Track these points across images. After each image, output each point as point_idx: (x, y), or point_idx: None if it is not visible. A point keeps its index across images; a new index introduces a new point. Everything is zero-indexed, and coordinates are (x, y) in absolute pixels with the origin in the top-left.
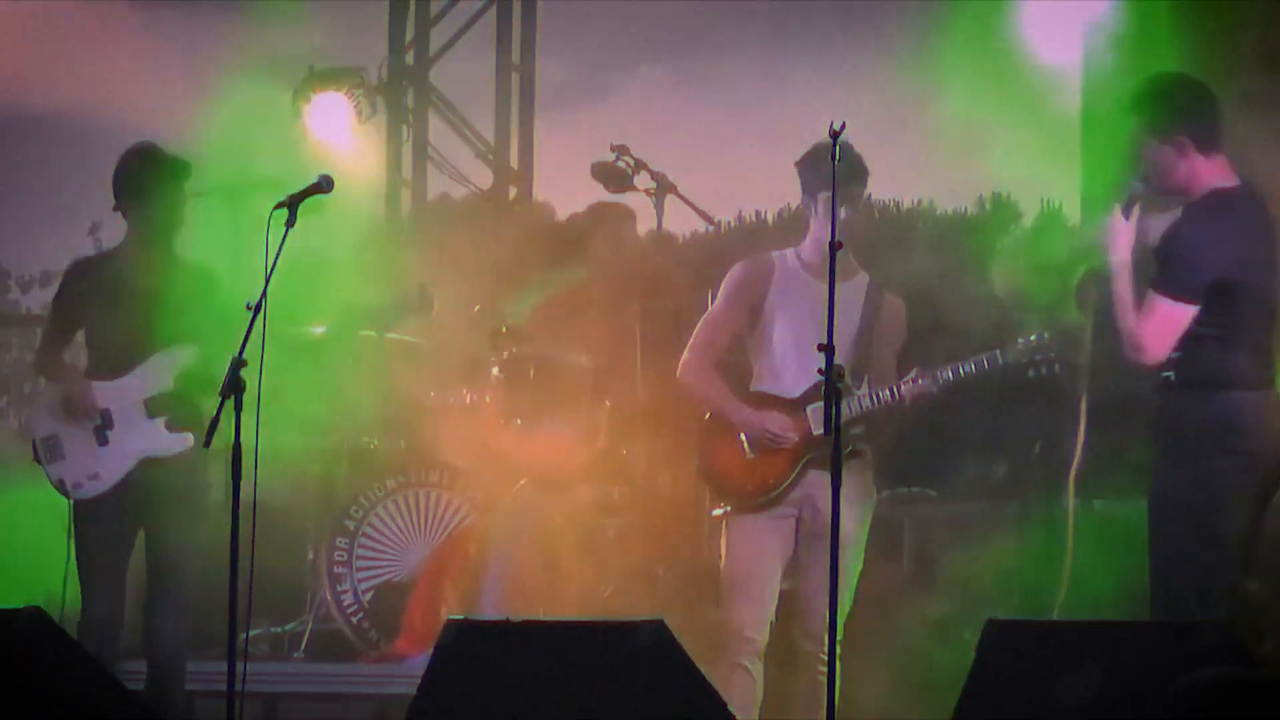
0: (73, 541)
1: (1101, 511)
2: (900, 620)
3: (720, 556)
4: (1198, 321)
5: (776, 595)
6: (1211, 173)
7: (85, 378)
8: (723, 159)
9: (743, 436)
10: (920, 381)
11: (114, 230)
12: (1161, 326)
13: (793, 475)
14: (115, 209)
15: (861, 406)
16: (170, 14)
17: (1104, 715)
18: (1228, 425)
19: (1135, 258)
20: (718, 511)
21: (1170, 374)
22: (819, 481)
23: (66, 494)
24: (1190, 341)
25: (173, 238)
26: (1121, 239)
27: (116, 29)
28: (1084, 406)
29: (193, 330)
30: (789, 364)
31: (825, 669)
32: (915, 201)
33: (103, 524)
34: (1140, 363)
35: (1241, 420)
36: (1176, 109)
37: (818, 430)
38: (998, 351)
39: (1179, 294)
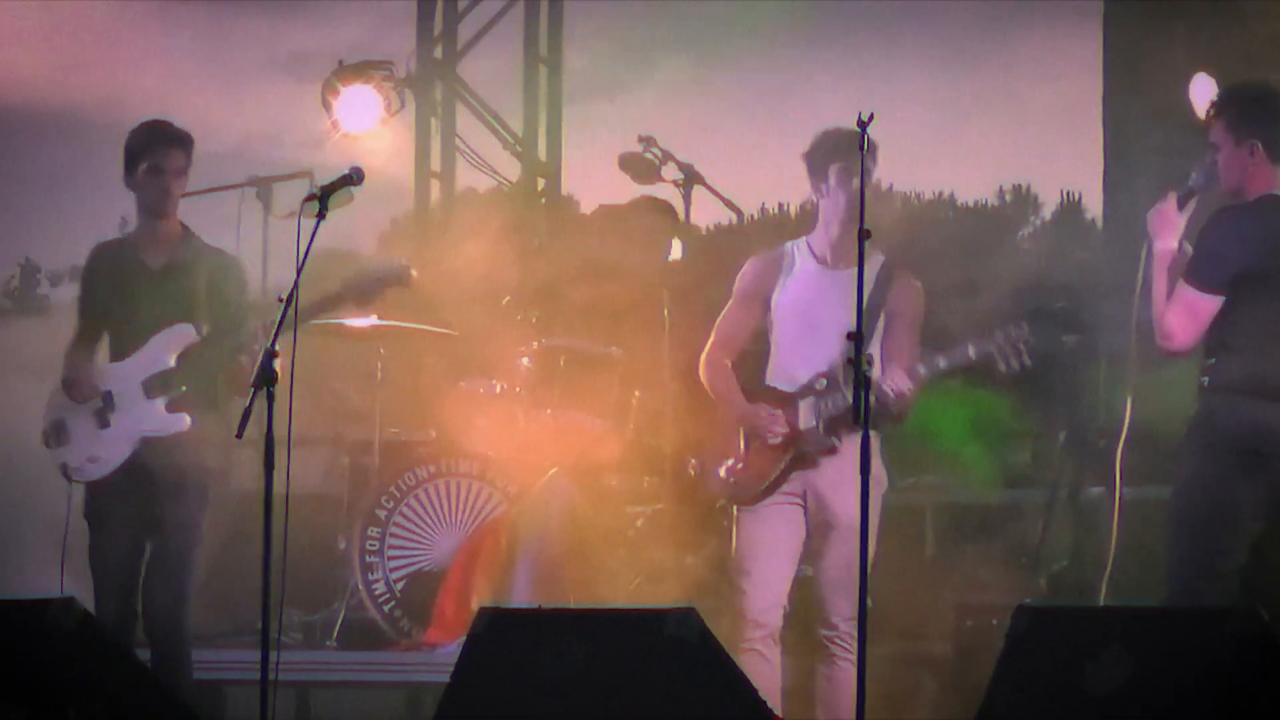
0: (69, 527)
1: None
2: (923, 607)
3: (731, 545)
4: (1234, 329)
5: (789, 580)
6: (1273, 181)
7: (86, 361)
8: (749, 150)
9: (741, 434)
10: (898, 376)
11: None
12: (1186, 315)
13: (779, 469)
14: (127, 186)
15: (842, 404)
16: (202, 13)
17: (1134, 700)
18: (1257, 434)
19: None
20: (721, 503)
21: (1206, 379)
22: (820, 471)
23: (68, 478)
24: (1226, 350)
25: (172, 207)
26: (1169, 227)
27: (149, 28)
28: (1130, 396)
29: (194, 310)
30: (794, 357)
31: (839, 654)
32: (936, 193)
33: (110, 513)
34: (1168, 350)
35: (1272, 431)
36: (1258, 115)
37: (806, 424)
38: (968, 346)
39: (1205, 284)
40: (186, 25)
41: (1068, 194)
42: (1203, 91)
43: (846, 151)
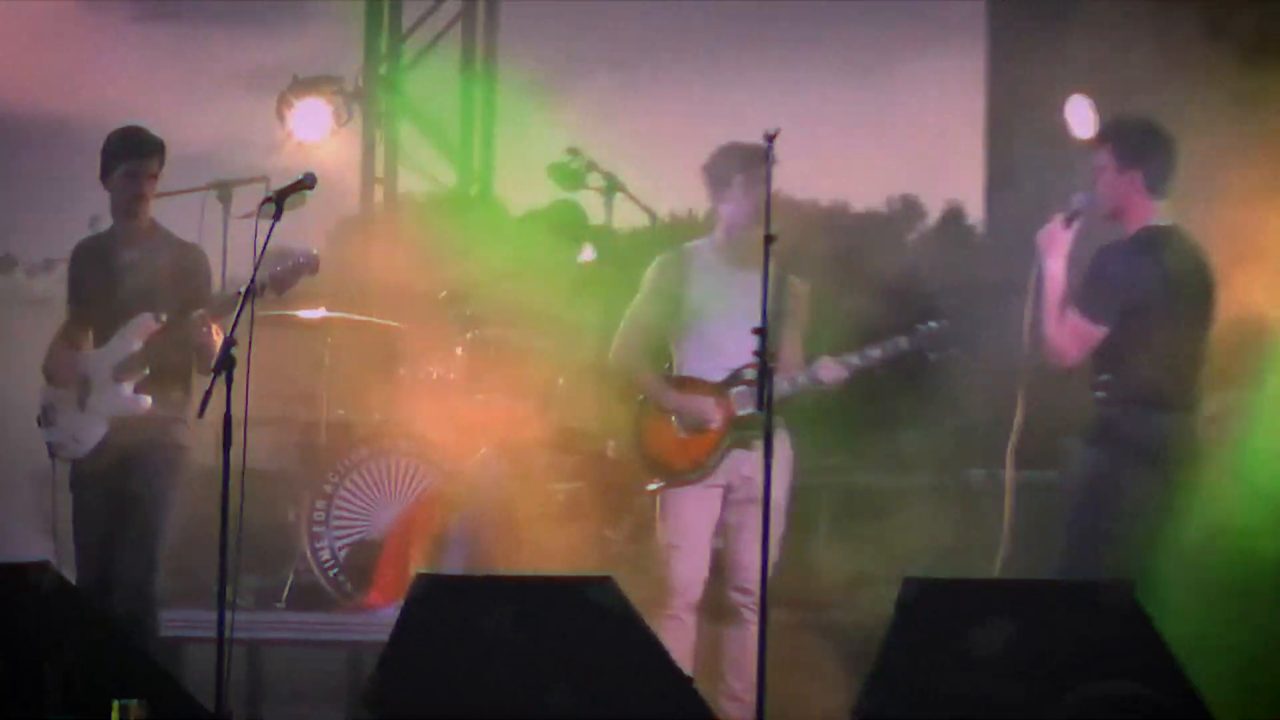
0: (56, 502)
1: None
2: (823, 578)
3: (658, 522)
4: (1123, 350)
5: (709, 555)
6: (1148, 211)
7: (68, 348)
8: (665, 159)
9: (674, 419)
10: (832, 366)
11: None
12: (1076, 340)
13: (719, 453)
14: (103, 186)
15: (793, 387)
16: (169, 31)
17: (1013, 664)
18: (1151, 439)
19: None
20: (652, 486)
21: (1103, 394)
22: (744, 455)
23: (54, 456)
24: (1117, 367)
25: (145, 208)
26: (1058, 247)
27: (122, 43)
28: (1022, 390)
29: (163, 297)
30: (707, 348)
31: (749, 618)
32: (832, 201)
33: (90, 487)
34: (1059, 365)
35: (1160, 438)
36: (1142, 147)
37: (741, 411)
38: (901, 338)
39: (1092, 314)
40: (155, 42)
41: (950, 202)
42: (1078, 112)
43: (751, 163)
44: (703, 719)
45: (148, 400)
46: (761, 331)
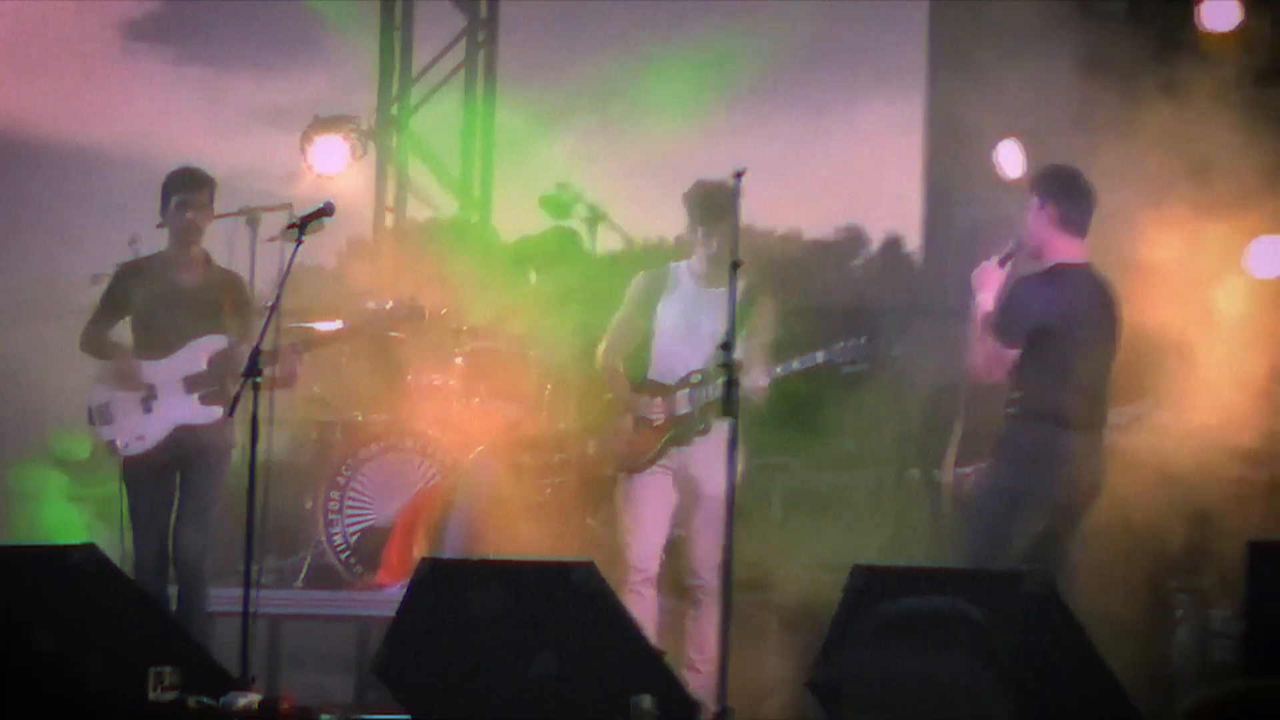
0: (124, 496)
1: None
2: (773, 565)
3: (619, 509)
4: (1029, 371)
5: (664, 535)
6: (1064, 249)
7: (131, 358)
8: (645, 189)
9: (629, 416)
10: (757, 375)
11: (151, 240)
12: (992, 360)
13: (659, 446)
14: (159, 224)
15: (713, 394)
16: (198, 70)
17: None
18: (1048, 451)
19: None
20: (609, 472)
21: (1012, 410)
22: (692, 449)
23: (116, 451)
24: (1024, 387)
25: (198, 237)
26: (990, 284)
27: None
28: (963, 404)
29: (222, 323)
30: (672, 355)
31: (704, 600)
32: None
33: (148, 480)
34: (980, 381)
35: (1060, 454)
36: (1056, 189)
37: (682, 410)
38: (817, 353)
39: (1003, 338)
40: (188, 81)
41: (889, 232)
42: (1008, 155)
43: (721, 197)
44: (670, 687)
45: (218, 410)
46: (728, 346)
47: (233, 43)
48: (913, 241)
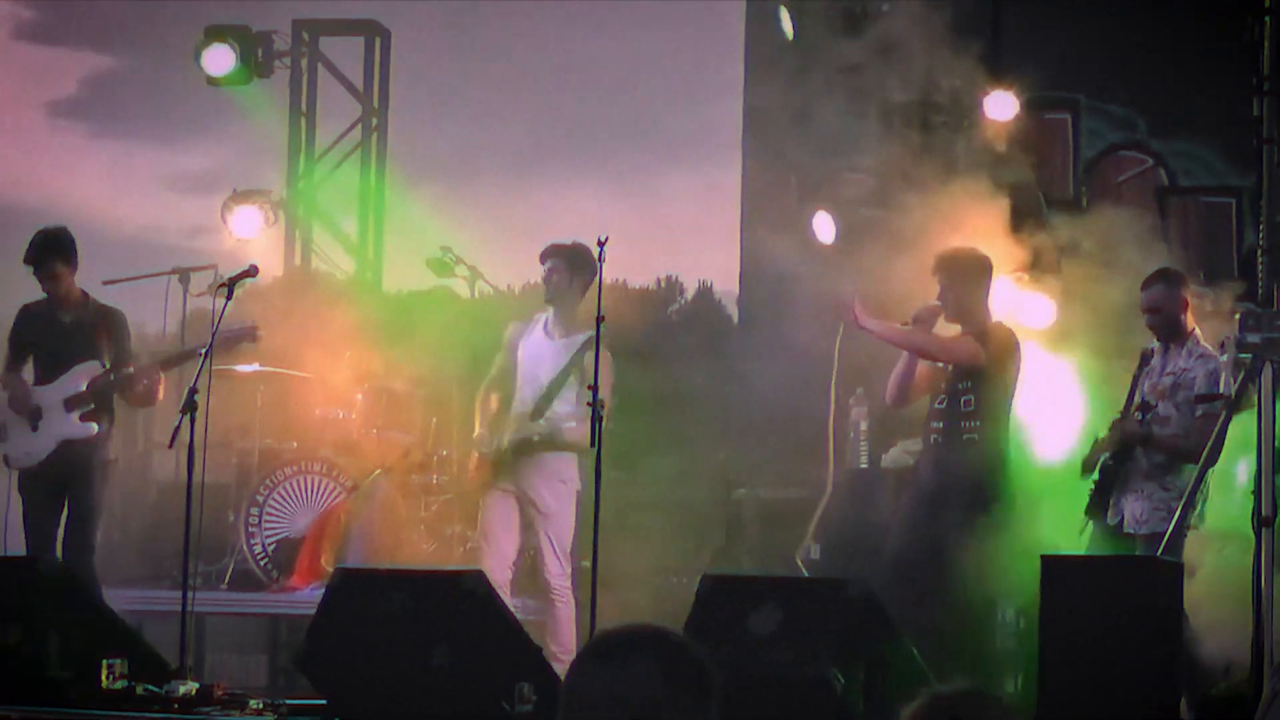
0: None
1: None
2: (625, 570)
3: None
4: (953, 402)
5: (514, 546)
6: None
7: (26, 384)
8: (514, 246)
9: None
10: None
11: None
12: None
13: (493, 470)
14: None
15: (523, 434)
16: (121, 144)
17: (781, 638)
18: (965, 482)
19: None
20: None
21: (936, 437)
22: (524, 473)
23: (8, 465)
24: (948, 417)
25: (66, 290)
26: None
27: (78, 152)
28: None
29: (98, 351)
30: (527, 391)
31: (556, 600)
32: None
33: (38, 490)
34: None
35: (975, 479)
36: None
37: (511, 438)
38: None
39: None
40: (109, 154)
41: (702, 282)
42: (822, 223)
43: (581, 258)
44: (544, 675)
45: (94, 427)
46: (594, 388)
47: (142, 121)
48: (721, 289)
